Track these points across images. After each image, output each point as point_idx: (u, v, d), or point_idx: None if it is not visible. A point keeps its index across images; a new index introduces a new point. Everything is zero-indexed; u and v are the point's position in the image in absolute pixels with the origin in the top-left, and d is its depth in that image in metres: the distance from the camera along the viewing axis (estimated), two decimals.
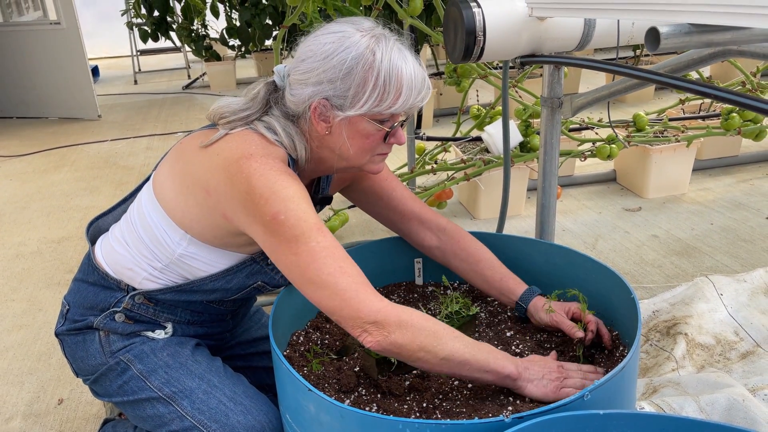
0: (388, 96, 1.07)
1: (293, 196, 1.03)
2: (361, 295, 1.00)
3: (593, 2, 1.09)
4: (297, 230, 1.01)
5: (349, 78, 1.06)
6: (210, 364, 1.26)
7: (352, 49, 1.06)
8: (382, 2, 2.48)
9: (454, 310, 1.28)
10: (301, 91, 1.10)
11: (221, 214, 1.10)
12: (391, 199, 1.37)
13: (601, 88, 1.44)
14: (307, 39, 1.12)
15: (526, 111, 2.77)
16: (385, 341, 0.98)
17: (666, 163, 2.96)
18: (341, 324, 1.02)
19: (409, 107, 1.11)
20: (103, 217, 1.38)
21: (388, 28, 1.13)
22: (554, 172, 1.59)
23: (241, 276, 1.22)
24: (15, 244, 2.95)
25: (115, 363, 1.23)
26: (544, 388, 1.05)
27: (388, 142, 1.16)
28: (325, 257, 1.01)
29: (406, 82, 1.08)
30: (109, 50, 8.89)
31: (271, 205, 1.01)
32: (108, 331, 1.24)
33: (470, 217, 2.96)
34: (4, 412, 1.79)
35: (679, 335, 1.83)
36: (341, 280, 1.00)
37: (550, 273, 1.38)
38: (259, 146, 1.09)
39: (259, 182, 1.03)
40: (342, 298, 0.99)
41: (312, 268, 1.01)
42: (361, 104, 1.07)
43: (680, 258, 2.41)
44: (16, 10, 5.94)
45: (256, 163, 1.05)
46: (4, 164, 4.26)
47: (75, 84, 5.41)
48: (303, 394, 0.97)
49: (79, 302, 1.27)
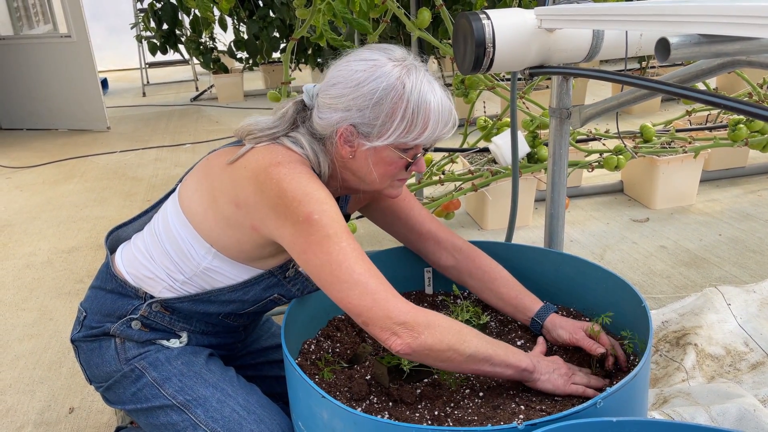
0: (415, 128, 1.09)
1: (325, 199, 1.06)
2: (390, 296, 1.01)
3: (602, 14, 1.10)
4: (330, 230, 1.03)
5: (379, 107, 1.08)
6: (223, 373, 1.27)
7: (383, 79, 1.07)
8: (390, 15, 2.51)
9: (465, 320, 1.29)
10: (329, 115, 1.11)
11: (250, 225, 1.12)
12: (408, 219, 1.39)
13: (609, 99, 1.45)
14: (338, 63, 1.14)
15: (533, 122, 2.78)
16: (415, 343, 0.99)
17: (673, 174, 2.96)
18: (368, 325, 1.02)
19: (434, 139, 1.13)
20: (123, 227, 1.40)
21: (418, 59, 1.15)
22: (563, 183, 1.60)
23: (258, 288, 1.23)
24: (26, 254, 2.97)
25: (130, 370, 1.24)
26: (556, 381, 1.09)
27: (409, 170, 1.18)
28: (356, 258, 1.03)
29: (434, 115, 1.09)
30: (118, 63, 8.97)
31: (305, 205, 1.04)
32: (124, 339, 1.26)
33: (477, 228, 2.97)
34: (15, 420, 1.80)
35: (689, 346, 1.83)
36: (372, 281, 1.02)
37: (560, 283, 1.39)
38: (286, 155, 1.11)
39: (291, 185, 1.05)
40: (373, 297, 1.01)
41: (344, 266, 1.02)
42: (389, 135, 1.09)
43: (689, 269, 2.41)
44: (26, 24, 6.01)
45: (285, 169, 1.07)
46: (15, 175, 4.30)
47: (85, 96, 5.46)
48: (316, 401, 0.98)
49: (97, 309, 1.28)
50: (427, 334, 1.00)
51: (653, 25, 0.96)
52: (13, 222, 3.41)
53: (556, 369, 1.11)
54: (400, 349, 1.00)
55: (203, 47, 6.42)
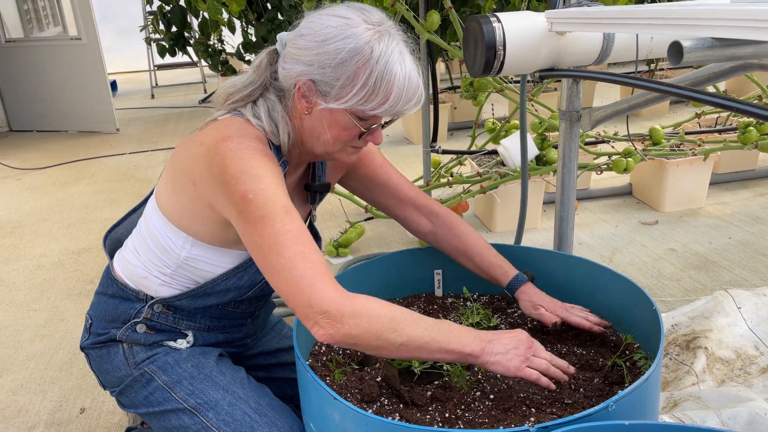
0: (375, 98, 1.05)
1: (264, 176, 1.02)
2: (317, 282, 0.96)
3: (613, 17, 1.10)
4: (264, 210, 0.99)
5: (341, 69, 1.03)
6: (234, 375, 1.26)
7: (351, 41, 1.03)
8: (399, 17, 2.52)
9: (475, 322, 1.29)
10: (291, 66, 1.08)
11: (208, 204, 1.09)
12: (387, 186, 1.38)
13: (620, 102, 1.45)
14: (312, 14, 1.10)
15: (542, 124, 2.78)
16: (338, 334, 0.95)
17: (682, 176, 2.95)
18: (295, 313, 0.98)
19: (394, 113, 1.08)
20: (116, 227, 1.40)
21: (398, 26, 1.10)
22: (573, 185, 1.60)
23: (251, 272, 1.22)
24: (36, 255, 3.00)
25: (140, 374, 1.24)
26: (508, 362, 1.03)
27: (363, 139, 1.14)
28: (287, 240, 0.98)
29: (397, 89, 1.05)
30: (127, 65, 9.01)
31: (241, 184, 1.00)
32: (131, 343, 1.26)
33: (486, 230, 2.97)
34: (27, 420, 1.82)
35: (699, 349, 1.82)
36: (299, 265, 0.97)
37: (570, 285, 1.39)
38: (238, 128, 1.08)
39: (232, 162, 1.02)
40: (296, 284, 0.96)
41: (273, 251, 0.98)
42: (346, 99, 1.05)
43: (698, 272, 2.40)
44: (36, 26, 6.06)
45: (232, 143, 1.04)
46: (25, 177, 4.33)
47: (94, 98, 5.50)
48: (328, 402, 0.99)
49: (101, 315, 1.29)
50: (351, 324, 0.95)
51: (665, 29, 0.96)
52: (23, 223, 3.43)
53: (513, 349, 1.04)
54: (323, 339, 0.96)
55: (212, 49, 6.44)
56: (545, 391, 1.12)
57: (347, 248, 2.79)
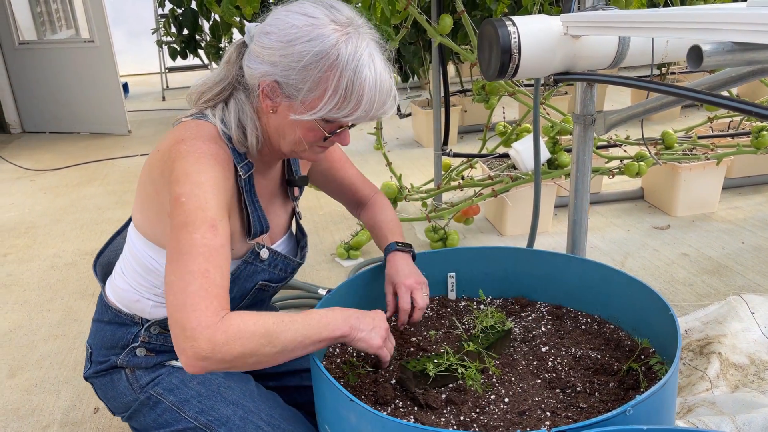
0: (348, 104, 1.00)
1: (203, 183, 0.99)
2: (201, 307, 0.91)
3: (630, 20, 1.10)
4: (191, 217, 0.96)
5: (305, 72, 0.99)
6: (243, 388, 1.23)
7: (317, 43, 0.98)
8: (411, 21, 2.52)
9: (489, 325, 1.29)
10: (256, 65, 1.04)
11: (168, 212, 1.04)
12: (342, 182, 1.43)
13: (635, 106, 1.45)
14: (279, 9, 1.05)
15: (554, 128, 2.77)
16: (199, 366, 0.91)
17: (695, 181, 2.94)
18: (171, 331, 0.94)
19: (369, 119, 1.05)
20: (104, 252, 1.38)
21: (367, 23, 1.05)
22: (586, 189, 1.60)
23: (239, 282, 1.19)
24: (50, 255, 3.02)
25: (146, 398, 1.21)
26: (371, 340, 1.08)
27: (329, 141, 1.11)
28: (199, 254, 0.95)
29: (368, 93, 1.00)
30: (138, 67, 9.08)
31: (180, 185, 0.99)
32: (133, 368, 1.24)
33: (497, 234, 2.96)
34: (41, 420, 1.83)
35: (713, 354, 1.81)
36: (196, 282, 0.93)
37: (585, 289, 1.39)
38: (195, 131, 1.06)
39: (179, 164, 1.00)
40: (182, 301, 0.92)
41: (182, 259, 0.95)
42: (318, 109, 1.01)
43: (711, 277, 2.39)
44: (49, 29, 6.11)
45: (184, 146, 1.02)
46: (39, 178, 4.36)
47: (106, 100, 5.54)
48: (344, 404, 0.99)
49: (100, 343, 1.27)
50: (224, 352, 0.91)
51: (683, 32, 0.96)
52: (37, 224, 3.46)
53: (376, 328, 1.09)
54: (187, 369, 0.92)
55: (222, 52, 6.48)
56: (560, 395, 1.12)
57: (358, 250, 2.79)
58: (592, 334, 1.31)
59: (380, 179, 3.60)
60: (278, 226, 1.30)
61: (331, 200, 1.54)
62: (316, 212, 3.33)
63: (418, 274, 1.31)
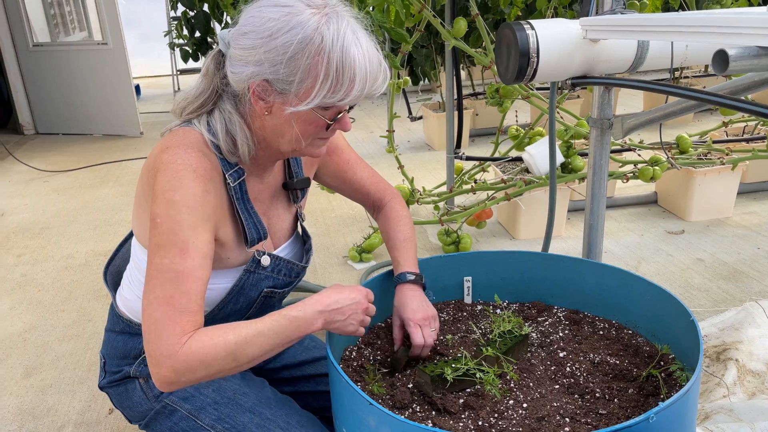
0: (341, 87, 0.97)
1: (177, 202, 0.98)
2: (165, 332, 0.95)
3: (651, 24, 1.09)
4: (162, 240, 0.97)
5: (294, 63, 0.96)
6: (259, 394, 1.23)
7: (299, 31, 0.95)
8: (425, 23, 2.52)
9: (506, 330, 1.28)
10: (241, 69, 1.00)
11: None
12: (353, 182, 1.39)
13: (655, 110, 1.44)
14: (250, 7, 1.01)
15: (567, 132, 2.76)
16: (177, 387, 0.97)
17: (710, 185, 2.92)
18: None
19: (365, 97, 1.02)
20: (113, 261, 1.38)
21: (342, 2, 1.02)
22: (603, 194, 1.59)
23: (244, 293, 1.18)
24: (64, 256, 3.04)
25: (162, 407, 1.21)
26: (345, 328, 1.09)
27: (331, 129, 1.07)
28: (166, 279, 0.96)
29: (360, 71, 0.97)
30: (150, 70, 9.14)
31: (157, 204, 0.99)
32: (146, 377, 1.23)
33: (510, 237, 2.95)
34: (56, 420, 1.84)
35: (730, 361, 1.79)
36: (159, 309, 0.96)
37: (602, 295, 1.38)
38: (179, 138, 1.04)
39: (160, 176, 1.00)
40: (147, 327, 0.96)
41: (150, 284, 0.97)
42: (312, 97, 0.98)
43: (727, 282, 2.37)
44: (63, 31, 6.16)
45: (167, 155, 1.01)
46: (52, 179, 4.39)
47: (119, 102, 5.58)
48: (363, 408, 0.98)
49: (113, 353, 1.27)
50: (187, 377, 0.96)
51: (706, 37, 0.95)
52: (51, 225, 3.49)
53: (352, 314, 1.08)
54: (161, 389, 0.97)
55: None
56: (579, 401, 1.11)
57: (370, 254, 2.79)
58: (610, 339, 1.30)
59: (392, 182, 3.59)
60: (282, 230, 1.28)
61: (344, 202, 1.54)
62: (328, 214, 3.33)
63: (427, 309, 1.27)
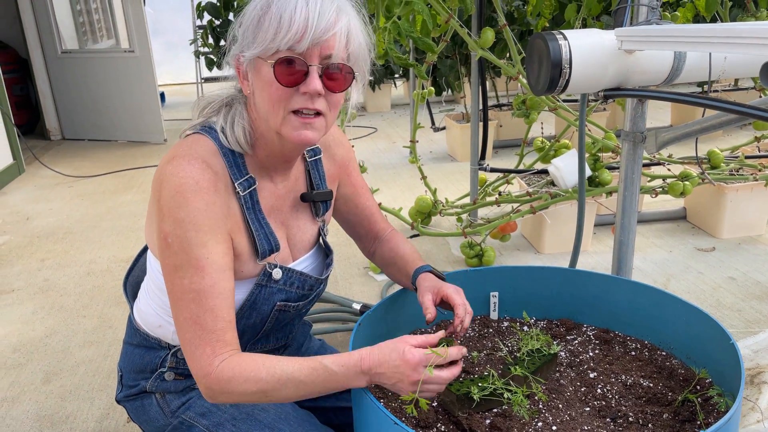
0: (282, 26, 0.95)
1: (183, 220, 0.98)
2: (197, 352, 0.99)
3: (688, 35, 1.05)
4: (177, 260, 0.99)
5: (259, 26, 0.98)
6: (278, 409, 1.20)
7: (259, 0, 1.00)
8: (450, 34, 2.50)
9: (535, 348, 1.24)
10: (229, 58, 1.05)
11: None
12: (364, 209, 1.36)
13: (691, 123, 1.40)
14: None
15: (595, 144, 2.71)
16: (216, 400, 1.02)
17: (742, 202, 2.84)
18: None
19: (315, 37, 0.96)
20: (132, 271, 1.37)
21: None
22: (634, 209, 1.54)
23: (257, 307, 1.15)
24: (86, 261, 3.05)
25: (179, 422, 1.19)
26: (399, 392, 1.01)
27: (300, 93, 0.99)
28: (190, 300, 0.99)
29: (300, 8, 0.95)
30: (175, 77, 9.26)
31: (164, 222, 1.00)
32: (162, 392, 1.22)
33: (534, 252, 2.90)
34: (75, 427, 1.83)
35: (764, 384, 1.73)
36: (190, 330, 1.00)
37: (634, 313, 1.33)
38: (187, 147, 1.04)
39: (165, 191, 1.00)
40: (185, 349, 1.01)
41: (177, 306, 1.01)
42: (259, 41, 0.98)
43: (761, 302, 2.29)
44: (91, 38, 6.26)
45: (171, 166, 1.01)
46: (76, 184, 4.44)
47: (144, 109, 5.64)
48: (387, 427, 0.95)
49: (130, 367, 1.25)
50: (225, 398, 1.00)
51: (748, 48, 0.91)
52: (74, 230, 3.51)
53: (398, 382, 0.98)
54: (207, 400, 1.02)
55: None
56: (611, 425, 1.07)
57: None
58: (642, 360, 1.26)
59: (413, 193, 3.56)
60: (301, 241, 1.24)
61: None
62: None
63: None
